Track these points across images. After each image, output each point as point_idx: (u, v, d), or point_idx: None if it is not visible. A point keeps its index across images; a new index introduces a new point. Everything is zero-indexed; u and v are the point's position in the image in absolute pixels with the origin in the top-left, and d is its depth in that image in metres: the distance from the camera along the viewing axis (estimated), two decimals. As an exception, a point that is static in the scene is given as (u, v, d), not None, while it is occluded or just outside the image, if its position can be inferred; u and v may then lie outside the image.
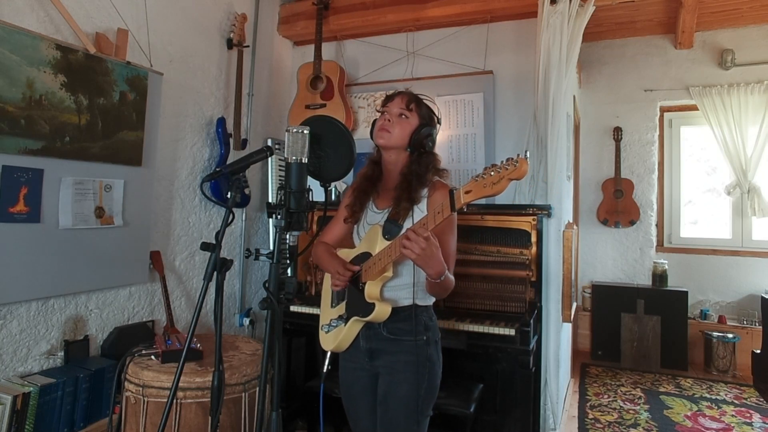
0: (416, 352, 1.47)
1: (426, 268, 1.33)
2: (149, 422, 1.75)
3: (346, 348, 1.56)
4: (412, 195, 1.48)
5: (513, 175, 1.08)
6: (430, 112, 1.60)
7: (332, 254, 1.61)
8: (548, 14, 2.57)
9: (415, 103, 1.56)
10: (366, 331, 1.52)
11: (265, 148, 1.29)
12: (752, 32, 4.01)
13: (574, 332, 4.17)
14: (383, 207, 1.55)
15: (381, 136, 1.54)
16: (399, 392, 1.46)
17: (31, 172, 1.88)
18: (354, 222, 1.62)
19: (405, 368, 1.46)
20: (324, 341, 1.62)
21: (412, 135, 1.53)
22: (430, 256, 1.28)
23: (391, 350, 1.49)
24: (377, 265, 1.42)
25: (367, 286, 1.44)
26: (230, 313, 3.01)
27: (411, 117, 1.54)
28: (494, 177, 1.11)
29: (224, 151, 2.78)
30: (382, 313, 1.43)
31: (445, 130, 3.05)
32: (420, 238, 1.25)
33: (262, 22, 3.16)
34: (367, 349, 1.52)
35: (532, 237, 2.36)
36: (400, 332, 1.48)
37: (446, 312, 2.26)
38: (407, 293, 1.49)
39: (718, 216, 4.41)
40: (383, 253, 1.40)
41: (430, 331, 1.52)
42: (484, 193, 1.13)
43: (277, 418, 1.11)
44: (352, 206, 1.60)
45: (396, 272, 1.47)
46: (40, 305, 1.98)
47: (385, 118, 1.55)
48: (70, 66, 1.99)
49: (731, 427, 2.93)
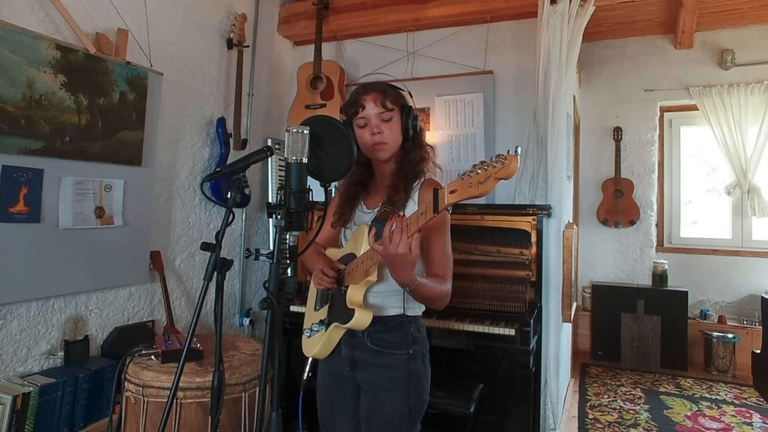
0: (401, 367, 1.37)
1: (394, 271, 1.22)
2: (149, 422, 1.75)
3: (329, 355, 1.46)
4: (408, 185, 1.40)
5: (500, 174, 0.95)
6: (399, 93, 1.46)
7: (319, 253, 1.52)
8: (548, 14, 2.57)
9: (390, 97, 1.42)
10: (349, 339, 1.42)
11: (265, 148, 1.28)
12: (752, 32, 4.01)
13: (574, 332, 4.18)
14: (374, 206, 1.47)
15: (380, 149, 1.41)
16: (382, 412, 1.36)
17: (31, 172, 1.88)
18: (341, 225, 1.52)
19: (390, 385, 1.37)
20: (306, 346, 1.52)
21: (403, 131, 1.43)
22: (402, 260, 1.16)
23: (374, 363, 1.39)
24: (360, 268, 1.32)
25: (350, 291, 1.34)
26: (230, 313, 3.01)
27: (393, 113, 1.41)
28: (480, 176, 0.98)
29: (224, 151, 2.78)
30: (362, 321, 1.33)
31: (445, 130, 3.05)
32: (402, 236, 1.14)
33: (262, 22, 3.16)
34: (349, 358, 1.43)
35: (532, 237, 2.36)
36: (386, 344, 1.38)
37: (446, 312, 2.25)
38: (396, 301, 1.39)
39: (718, 216, 4.40)
40: (367, 255, 1.29)
41: (418, 344, 1.41)
42: (470, 194, 1.01)
43: (277, 418, 1.11)
44: (340, 209, 1.51)
45: (381, 276, 1.36)
46: (40, 305, 1.98)
47: (372, 129, 1.40)
48: (70, 66, 1.99)
49: (731, 427, 2.93)
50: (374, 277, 1.34)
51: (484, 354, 2.15)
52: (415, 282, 1.24)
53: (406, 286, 1.25)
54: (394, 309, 1.40)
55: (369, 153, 1.45)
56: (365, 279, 1.34)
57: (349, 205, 1.50)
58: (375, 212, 1.43)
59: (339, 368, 1.46)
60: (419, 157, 1.45)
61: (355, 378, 1.43)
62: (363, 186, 1.52)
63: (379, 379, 1.38)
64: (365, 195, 1.52)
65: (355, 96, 1.44)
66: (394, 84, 1.49)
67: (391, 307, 1.40)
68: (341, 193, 1.54)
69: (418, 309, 1.46)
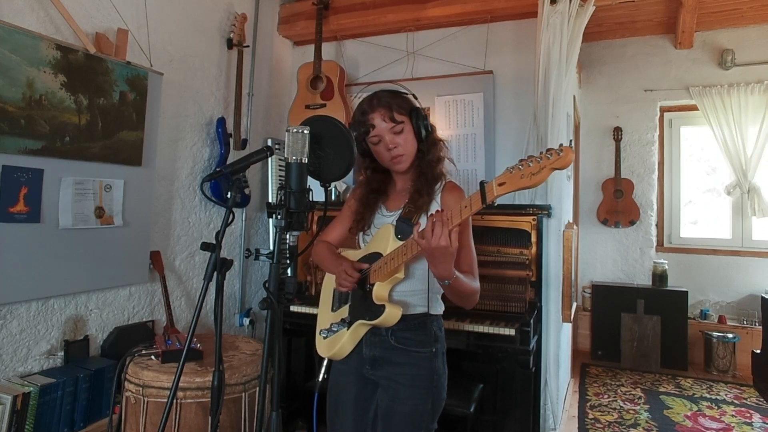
0: (424, 365, 1.38)
1: (435, 264, 1.22)
2: (149, 422, 1.75)
3: (347, 355, 1.45)
4: (431, 188, 1.41)
5: (557, 165, 0.98)
6: (403, 98, 1.45)
7: (337, 254, 1.53)
8: (548, 14, 2.57)
9: (396, 108, 1.41)
10: (371, 338, 1.42)
11: (265, 148, 1.28)
12: (752, 32, 4.01)
13: (574, 332, 4.18)
14: (394, 209, 1.47)
15: (399, 162, 1.42)
16: (404, 409, 1.37)
17: (31, 172, 1.88)
18: (360, 230, 1.52)
19: (411, 382, 1.38)
20: (321, 347, 1.51)
21: (416, 135, 1.43)
22: (443, 252, 1.17)
23: (396, 361, 1.40)
24: (388, 266, 1.33)
25: (376, 287, 1.35)
26: (230, 313, 3.01)
27: (404, 122, 1.42)
28: (533, 167, 1.01)
29: (224, 151, 2.78)
30: (392, 316, 1.33)
31: (445, 130, 3.05)
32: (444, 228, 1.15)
33: (262, 22, 3.16)
34: (371, 357, 1.43)
35: (532, 237, 2.36)
36: (409, 342, 1.39)
37: (446, 312, 2.23)
38: (420, 300, 1.40)
39: (718, 216, 4.40)
40: (396, 253, 1.31)
41: (439, 342, 1.44)
42: (521, 185, 1.03)
43: (277, 418, 1.11)
44: (359, 215, 1.51)
45: (408, 274, 1.38)
46: (40, 305, 1.98)
47: (387, 145, 1.41)
48: (70, 66, 1.99)
49: (731, 427, 2.93)
50: (402, 274, 1.35)
51: (484, 354, 2.15)
52: (454, 275, 1.25)
53: (445, 279, 1.25)
54: (419, 308, 1.41)
55: (389, 167, 1.47)
56: (393, 276, 1.35)
57: (369, 211, 1.51)
58: (396, 214, 1.44)
59: (356, 367, 1.46)
60: (436, 156, 1.46)
61: (375, 376, 1.43)
62: (382, 192, 1.53)
63: (401, 377, 1.39)
64: (385, 199, 1.53)
65: (362, 116, 1.43)
66: (396, 89, 1.49)
67: (416, 306, 1.41)
68: (358, 199, 1.54)
69: (440, 308, 1.48)
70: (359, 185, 1.58)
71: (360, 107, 1.45)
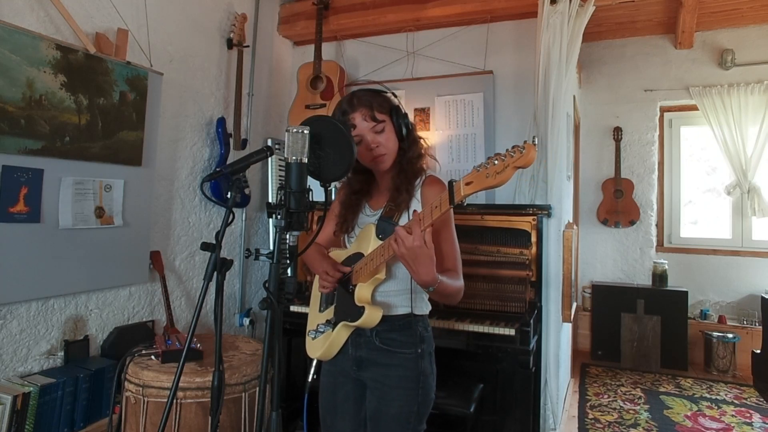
0: (410, 366, 1.37)
1: (414, 268, 1.19)
2: (149, 422, 1.75)
3: (334, 355, 1.45)
4: (411, 185, 1.40)
5: (519, 163, 0.97)
6: (384, 97, 1.44)
7: (323, 255, 1.51)
8: (548, 14, 2.57)
9: (377, 107, 1.40)
10: (356, 338, 1.41)
11: (265, 148, 1.28)
12: (752, 32, 4.01)
13: (574, 332, 4.18)
14: (377, 208, 1.46)
15: (381, 161, 1.41)
16: (391, 410, 1.36)
17: (31, 172, 1.88)
18: (344, 232, 1.51)
19: (397, 383, 1.37)
20: (310, 348, 1.51)
21: (397, 134, 1.42)
22: (419, 255, 1.16)
23: (382, 362, 1.39)
24: (369, 266, 1.32)
25: (358, 289, 1.34)
26: (230, 313, 3.01)
27: (385, 121, 1.40)
28: (498, 166, 0.99)
29: (224, 151, 2.78)
30: (372, 318, 1.32)
31: (445, 130, 3.05)
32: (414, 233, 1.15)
33: (262, 22, 3.16)
34: (356, 358, 1.42)
35: (532, 237, 2.36)
36: (394, 343, 1.38)
37: (446, 312, 2.26)
38: (404, 300, 1.39)
39: (718, 216, 4.40)
40: (375, 253, 1.30)
41: (425, 342, 1.41)
42: (486, 184, 1.02)
43: (277, 418, 1.11)
44: (342, 217, 1.50)
45: (389, 274, 1.37)
46: (40, 305, 1.98)
47: (368, 145, 1.39)
48: (70, 66, 1.99)
49: (731, 427, 2.93)
50: (383, 274, 1.34)
51: (484, 354, 2.15)
52: (437, 281, 1.23)
53: (429, 286, 1.23)
54: (402, 308, 1.40)
55: (371, 166, 1.45)
56: (374, 277, 1.34)
57: (352, 212, 1.49)
58: (379, 213, 1.43)
59: (344, 368, 1.45)
60: (417, 153, 1.45)
61: (362, 377, 1.42)
62: (364, 192, 1.51)
63: (387, 378, 1.38)
64: (368, 199, 1.51)
65: (342, 116, 1.41)
66: (374, 88, 1.48)
67: (399, 306, 1.40)
68: (341, 201, 1.53)
69: (425, 308, 1.46)
70: (342, 186, 1.56)
71: (340, 107, 1.43)
